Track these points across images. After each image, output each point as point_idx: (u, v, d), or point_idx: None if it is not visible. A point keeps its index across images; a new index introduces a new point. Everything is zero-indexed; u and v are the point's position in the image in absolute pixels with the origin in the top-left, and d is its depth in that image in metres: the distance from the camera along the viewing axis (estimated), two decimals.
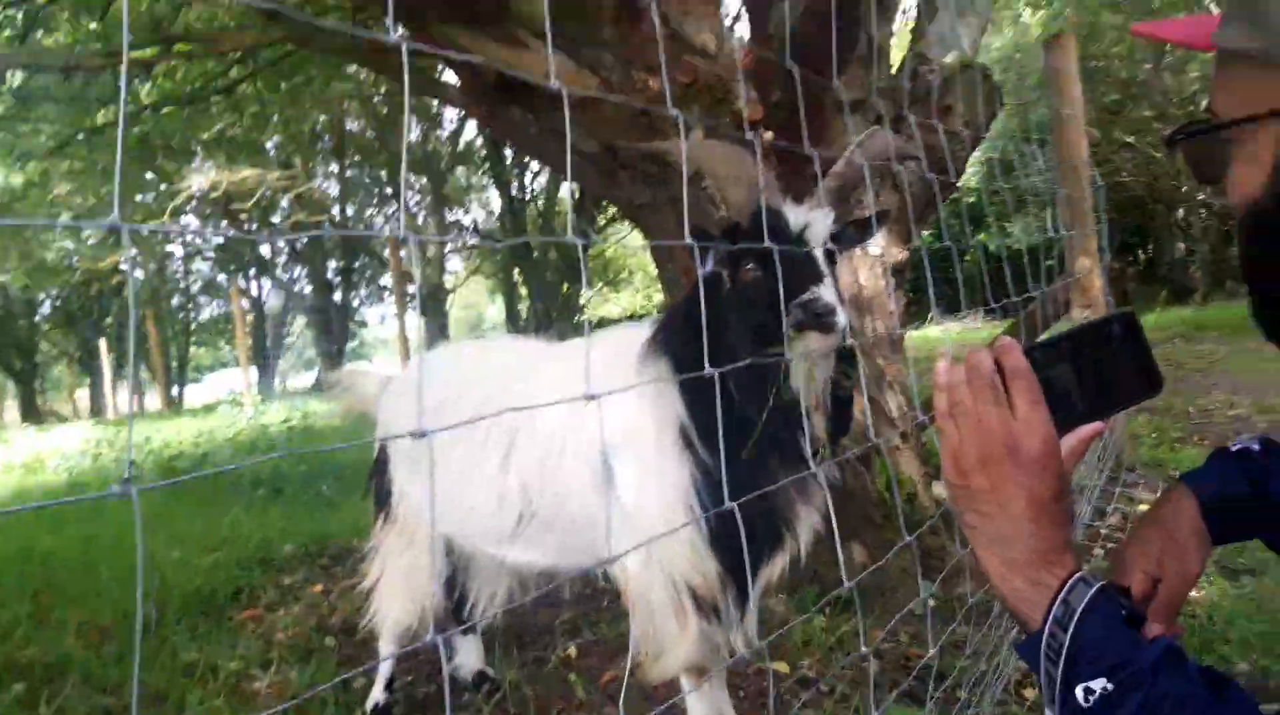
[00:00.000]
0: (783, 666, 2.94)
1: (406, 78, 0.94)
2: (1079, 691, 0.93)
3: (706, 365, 1.56)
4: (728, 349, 1.88)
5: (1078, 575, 1.00)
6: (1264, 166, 0.91)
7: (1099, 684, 0.92)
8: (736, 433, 2.03)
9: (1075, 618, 0.96)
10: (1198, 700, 0.89)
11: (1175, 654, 0.92)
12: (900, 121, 3.42)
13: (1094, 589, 0.98)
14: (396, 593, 2.71)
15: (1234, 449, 1.34)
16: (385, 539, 2.75)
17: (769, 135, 3.21)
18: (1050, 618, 0.98)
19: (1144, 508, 4.05)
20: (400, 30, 3.52)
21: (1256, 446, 1.33)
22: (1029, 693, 2.55)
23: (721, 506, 1.81)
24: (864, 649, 1.83)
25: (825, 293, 1.86)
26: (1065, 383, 1.11)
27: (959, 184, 3.68)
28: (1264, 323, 1.02)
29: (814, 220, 2.03)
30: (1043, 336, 1.19)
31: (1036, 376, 1.07)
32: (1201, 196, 16.31)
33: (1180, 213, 18.27)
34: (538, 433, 2.29)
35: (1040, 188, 4.69)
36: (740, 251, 1.96)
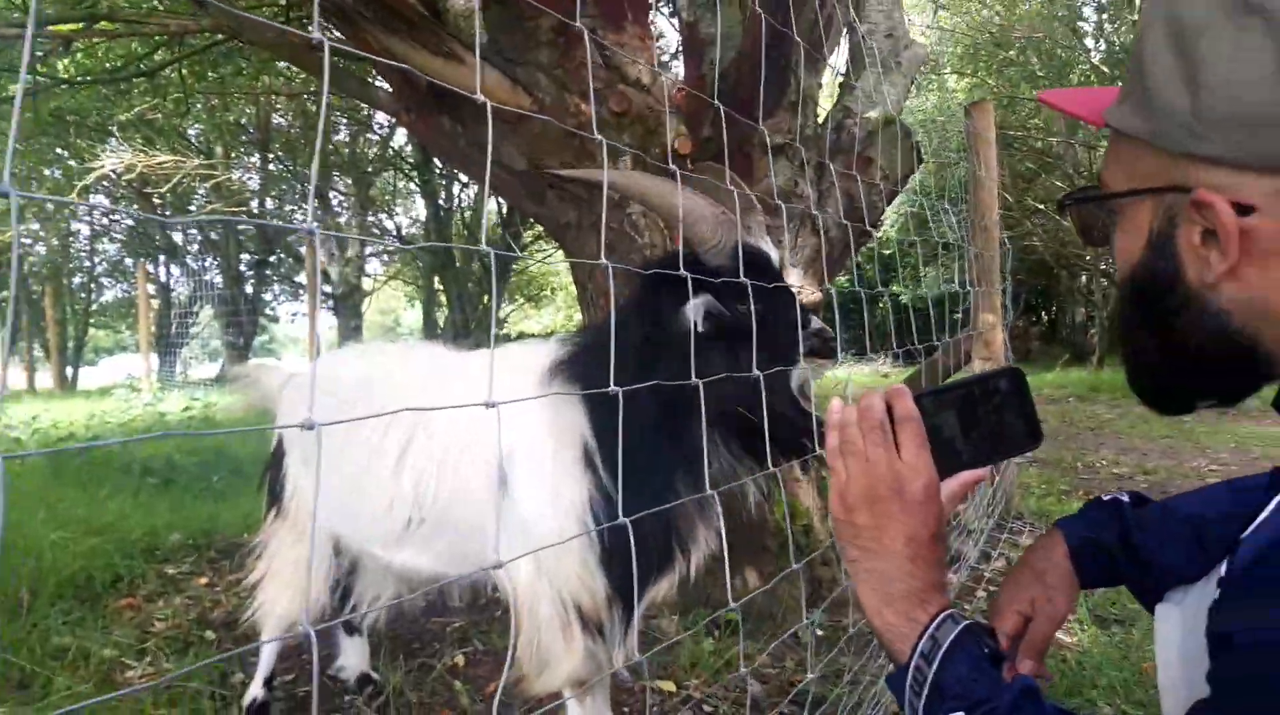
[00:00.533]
0: (669, 686, 2.99)
1: (326, 76, 0.98)
2: None
3: (612, 382, 1.59)
4: (709, 378, 1.91)
5: (946, 613, 1.05)
6: (1142, 239, 0.95)
7: None
8: (659, 453, 2.09)
9: (941, 653, 1.01)
10: None
11: (1032, 693, 0.97)
12: (822, 168, 3.56)
13: (960, 627, 1.03)
14: (283, 588, 2.68)
15: (1106, 499, 1.42)
16: (275, 533, 2.72)
17: (698, 167, 3.31)
18: (917, 652, 1.03)
19: None
20: (329, 31, 3.53)
21: (1126, 499, 1.40)
22: None
23: (615, 522, 1.87)
24: (743, 669, 1.90)
25: (820, 321, 2.09)
26: (951, 430, 1.17)
27: (875, 233, 3.82)
28: (1137, 387, 1.07)
29: (774, 254, 2.17)
30: (935, 386, 1.26)
31: (924, 422, 1.13)
32: (1104, 266, 17.07)
33: (1083, 279, 19.10)
34: (435, 437, 2.29)
35: (952, 244, 4.90)
36: (725, 287, 2.03)
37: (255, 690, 2.74)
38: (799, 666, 3.12)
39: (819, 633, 3.40)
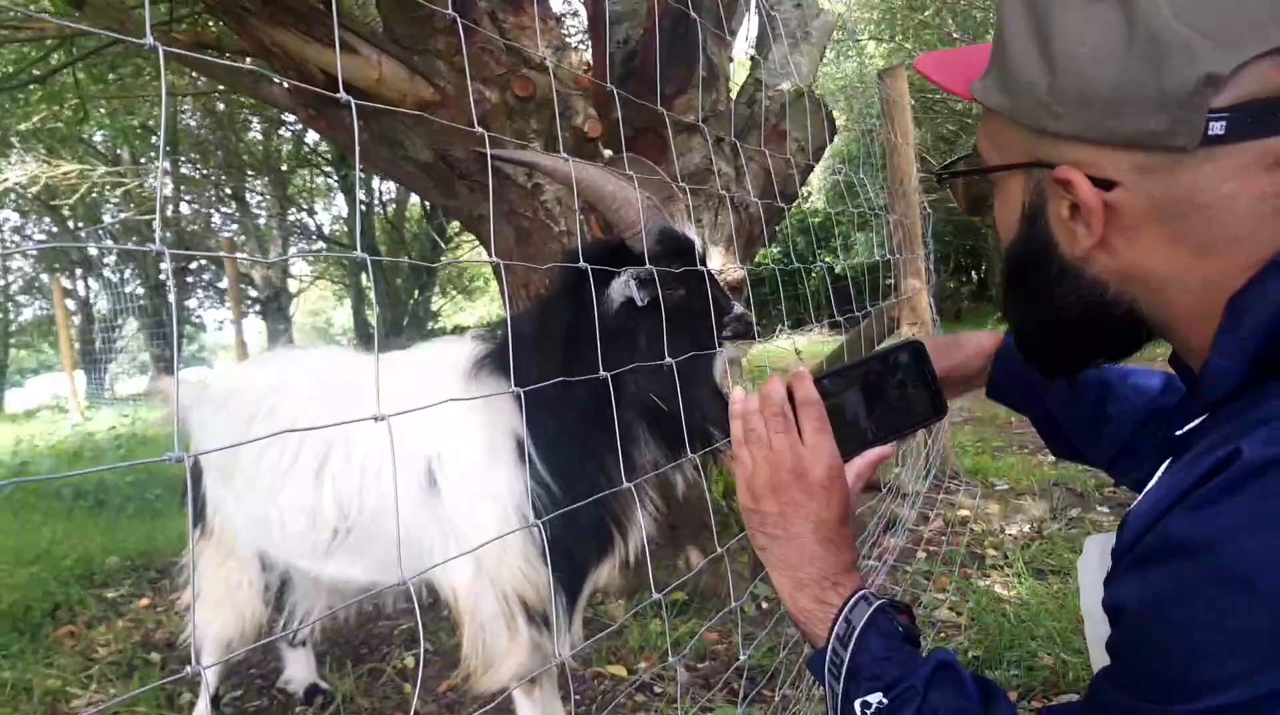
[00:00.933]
0: (620, 670, 3.02)
1: (164, 79, 0.96)
2: (857, 706, 0.99)
3: (512, 383, 1.61)
4: (630, 361, 1.94)
5: (859, 594, 1.06)
6: (1016, 212, 0.97)
7: (875, 698, 0.98)
8: (590, 442, 2.10)
9: (855, 635, 1.02)
10: (968, 708, 0.96)
11: (947, 668, 0.99)
12: (737, 145, 3.57)
13: (874, 607, 1.04)
14: (216, 606, 2.64)
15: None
16: (203, 553, 2.66)
17: (608, 153, 3.31)
18: (833, 635, 1.04)
19: (964, 512, 4.33)
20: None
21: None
22: None
23: (540, 520, 1.89)
24: (672, 658, 1.92)
25: (740, 306, 2.12)
26: (854, 409, 1.19)
27: (790, 209, 3.86)
28: (1026, 353, 1.09)
29: (706, 243, 2.20)
30: (837, 366, 1.28)
31: (825, 405, 1.14)
32: None
33: None
34: (354, 447, 2.24)
35: (879, 210, 4.97)
36: (657, 272, 2.04)
37: (201, 711, 2.70)
38: (746, 640, 3.16)
39: (764, 605, 3.45)
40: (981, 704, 0.97)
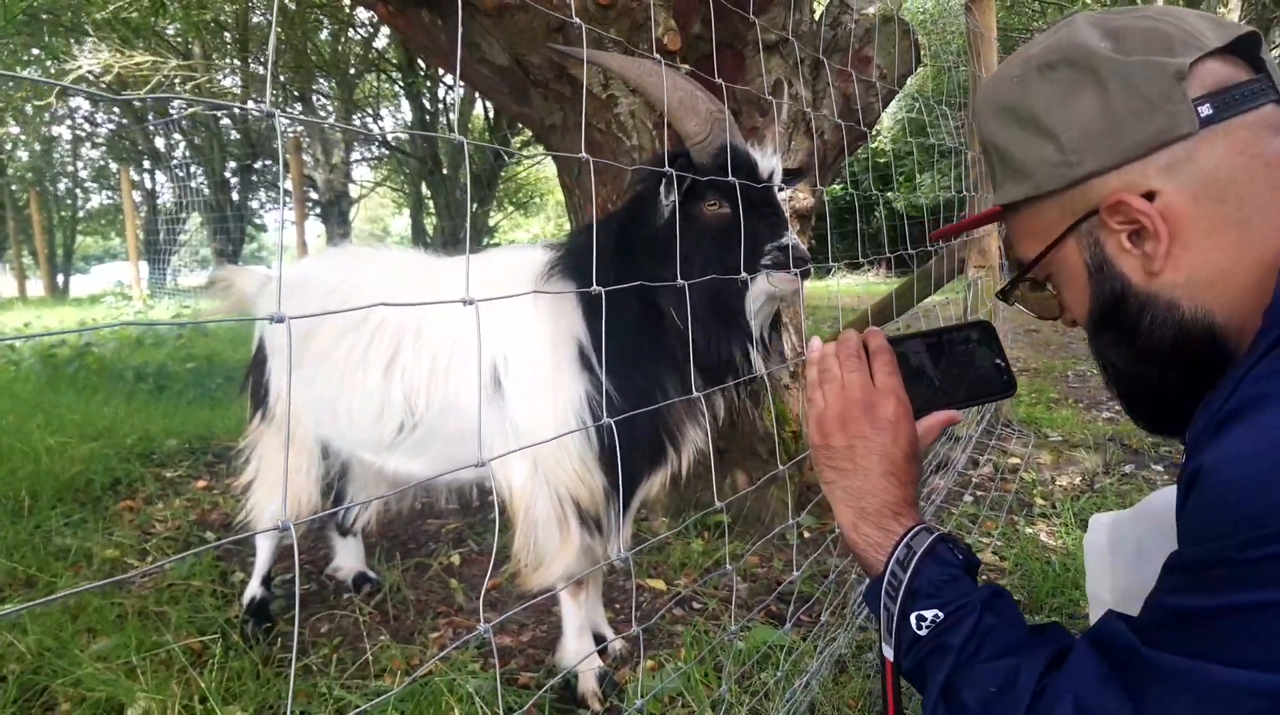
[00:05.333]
0: (659, 584, 3.06)
1: None
2: (913, 619, 1.04)
3: (594, 283, 1.61)
4: (670, 276, 1.92)
5: (921, 525, 1.11)
6: (1083, 276, 1.04)
7: (931, 613, 1.03)
8: (644, 353, 2.12)
9: (916, 559, 1.07)
10: (1020, 633, 1.00)
11: (1003, 596, 1.04)
12: (818, 67, 3.48)
13: (934, 536, 1.09)
14: (272, 491, 2.71)
15: None
16: (261, 437, 2.73)
17: (685, 68, 3.24)
18: (893, 559, 1.09)
19: (1015, 460, 4.29)
20: None
21: None
22: None
23: (610, 419, 1.89)
24: (729, 566, 1.94)
25: (795, 239, 2.03)
26: (924, 370, 1.25)
27: (870, 135, 3.77)
28: (1136, 414, 1.13)
29: (776, 166, 2.13)
30: (906, 332, 1.32)
31: (899, 358, 1.22)
32: None
33: None
34: (425, 343, 2.29)
35: (950, 150, 4.83)
36: (704, 185, 2.02)
37: (254, 588, 2.80)
38: (786, 566, 3.18)
39: (806, 535, 3.46)
40: (1032, 631, 1.02)
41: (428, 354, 2.26)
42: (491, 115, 15.54)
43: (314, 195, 17.76)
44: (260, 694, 2.28)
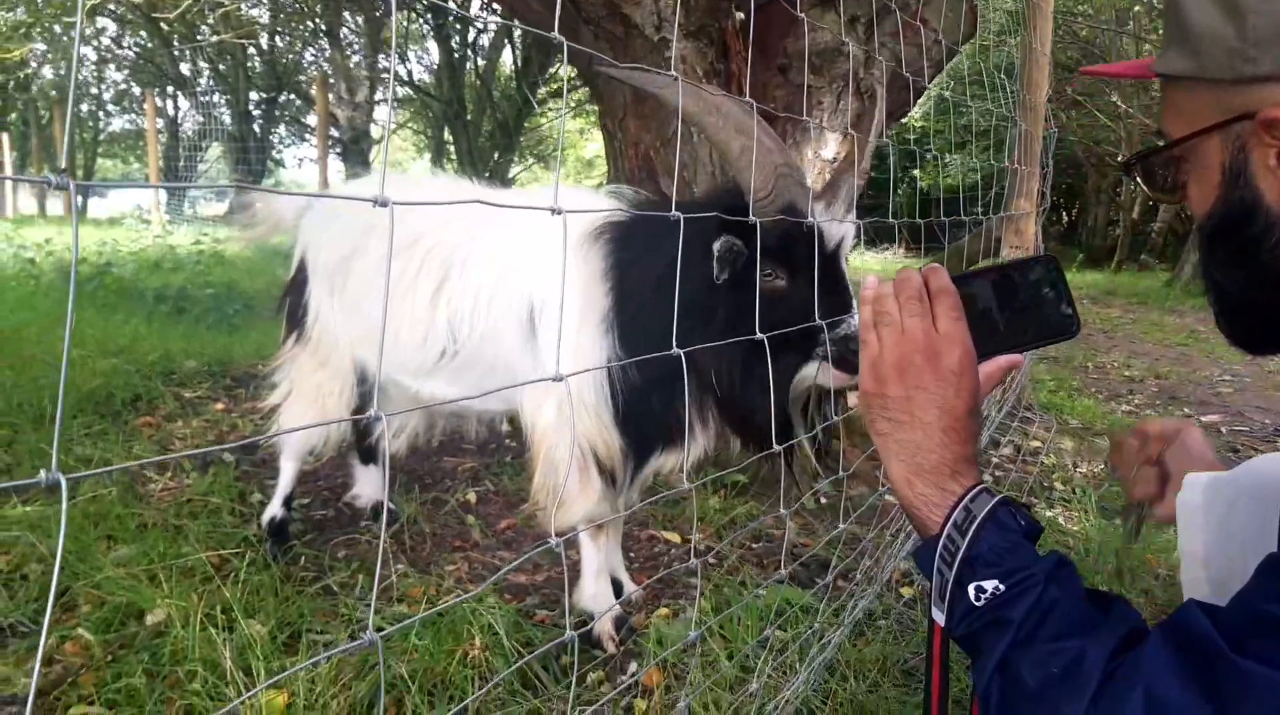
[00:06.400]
0: (675, 537, 3.06)
1: None
2: (970, 590, 0.97)
3: (674, 344, 1.51)
4: (707, 337, 1.78)
5: (980, 486, 1.04)
6: (1216, 177, 0.96)
7: (991, 584, 0.96)
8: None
9: (975, 524, 1.00)
10: (1084, 609, 0.93)
11: (1067, 565, 0.97)
12: (872, 27, 3.41)
13: (996, 500, 1.02)
14: (303, 412, 2.70)
15: None
16: (295, 358, 2.72)
17: (740, 16, 3.17)
18: (950, 522, 1.02)
19: (1036, 444, 4.27)
20: None
21: None
22: (905, 591, 2.70)
23: (629, 393, 1.97)
24: (783, 510, 1.90)
25: (855, 324, 1.78)
26: (987, 312, 1.16)
27: (915, 103, 3.70)
28: (1228, 328, 1.06)
29: (848, 233, 1.93)
30: (968, 270, 1.25)
31: (961, 298, 1.11)
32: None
33: (1108, 179, 18.77)
34: (471, 273, 2.28)
35: (985, 125, 4.75)
36: (769, 246, 1.76)
37: (275, 509, 2.80)
38: (802, 530, 3.18)
39: (823, 501, 3.46)
40: (1098, 604, 0.95)
41: (474, 284, 2.26)
42: (520, 63, 15.38)
43: (335, 133, 17.67)
44: (280, 610, 2.29)
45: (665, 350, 1.96)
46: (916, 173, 17.63)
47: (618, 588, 2.55)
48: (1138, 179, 1.12)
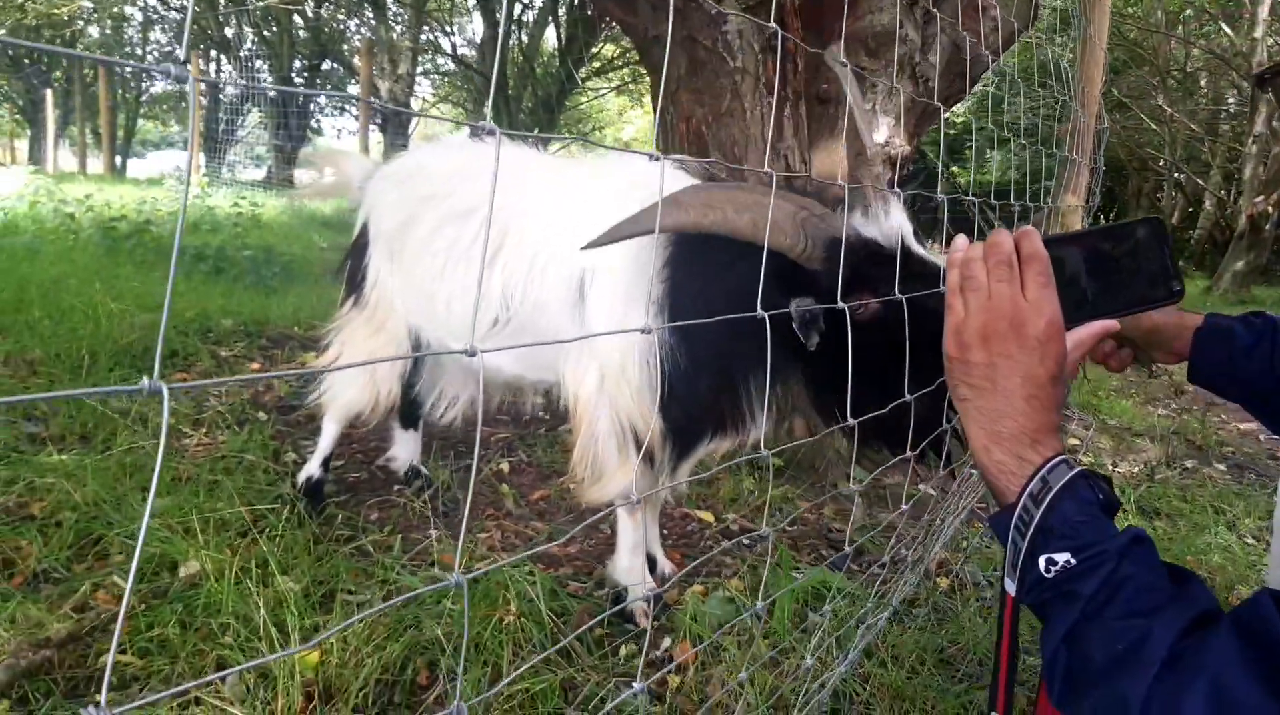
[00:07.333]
0: (708, 516, 3.03)
1: None
2: (1041, 561, 0.96)
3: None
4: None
5: (1060, 457, 1.02)
6: None
7: (1063, 557, 0.95)
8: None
9: (1051, 494, 0.98)
10: (1158, 588, 0.91)
11: (1143, 542, 0.95)
12: (930, 12, 3.34)
13: (1074, 472, 1.00)
14: (354, 376, 2.70)
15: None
16: (350, 322, 2.72)
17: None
18: (1026, 492, 1.00)
19: (1074, 441, 4.20)
20: None
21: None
22: (942, 581, 2.67)
23: (678, 377, 1.95)
24: (852, 485, 1.88)
25: None
26: (1080, 276, 1.13)
27: (970, 90, 3.63)
28: None
29: (903, 223, 1.83)
30: (1064, 233, 1.21)
31: (1052, 264, 1.08)
32: (1179, 176, 16.47)
33: (1149, 183, 18.49)
34: (526, 241, 2.26)
35: (1030, 122, 4.67)
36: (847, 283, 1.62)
37: (313, 468, 2.80)
38: (836, 515, 3.14)
39: (858, 487, 3.42)
40: (1174, 582, 0.93)
41: (529, 252, 2.23)
42: (564, 39, 15.31)
43: (375, 103, 17.68)
44: (314, 568, 2.28)
45: (715, 342, 1.95)
46: (954, 169, 17.43)
47: (651, 563, 2.53)
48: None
